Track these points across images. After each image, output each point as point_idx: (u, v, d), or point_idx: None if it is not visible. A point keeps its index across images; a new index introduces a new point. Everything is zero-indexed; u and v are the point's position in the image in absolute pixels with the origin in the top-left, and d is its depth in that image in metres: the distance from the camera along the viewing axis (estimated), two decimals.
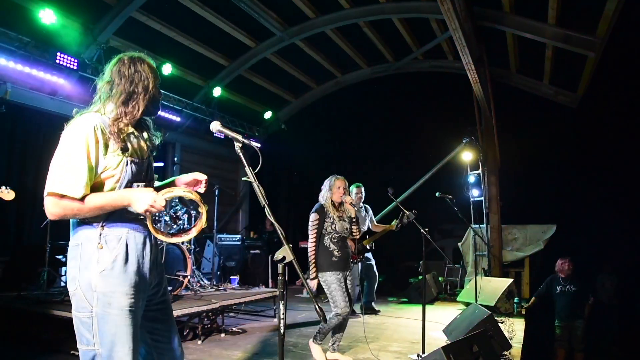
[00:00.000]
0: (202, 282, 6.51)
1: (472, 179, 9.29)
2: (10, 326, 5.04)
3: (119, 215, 1.87)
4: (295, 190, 12.87)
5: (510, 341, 4.34)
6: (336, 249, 4.13)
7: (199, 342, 4.92)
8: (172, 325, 2.09)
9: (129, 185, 1.91)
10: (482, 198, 9.04)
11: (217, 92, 9.84)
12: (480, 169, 9.10)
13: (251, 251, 9.48)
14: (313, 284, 4.04)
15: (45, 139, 7.53)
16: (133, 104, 1.94)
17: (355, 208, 4.36)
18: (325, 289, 4.10)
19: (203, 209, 2.05)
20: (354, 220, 4.34)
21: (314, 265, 4.07)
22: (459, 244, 9.43)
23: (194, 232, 2.11)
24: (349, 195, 4.41)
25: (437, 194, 5.78)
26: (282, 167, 12.43)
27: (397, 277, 10.21)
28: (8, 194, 2.66)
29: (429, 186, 8.95)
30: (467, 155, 9.03)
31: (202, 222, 2.07)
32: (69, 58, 7.03)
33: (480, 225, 8.88)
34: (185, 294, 5.85)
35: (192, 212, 6.52)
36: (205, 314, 5.21)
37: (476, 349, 3.32)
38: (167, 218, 6.02)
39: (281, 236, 1.98)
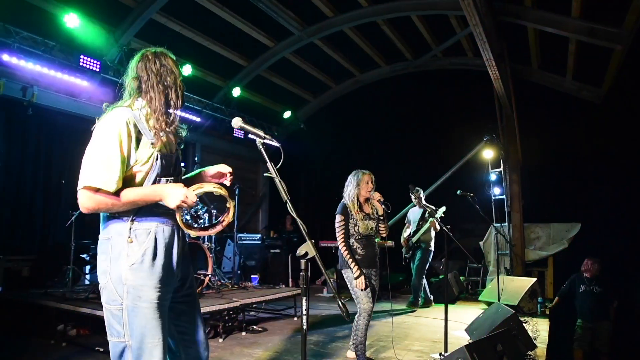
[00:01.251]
0: (223, 281, 6.56)
1: (493, 177, 9.17)
2: (37, 322, 5.16)
3: (149, 210, 1.89)
4: (314, 189, 12.87)
5: (534, 341, 4.26)
6: (360, 247, 4.07)
7: (220, 340, 4.95)
8: (198, 318, 2.10)
9: (158, 179, 1.93)
10: (504, 196, 8.91)
11: (236, 92, 9.89)
12: (502, 166, 8.97)
13: (271, 250, 9.52)
14: (359, 283, 3.90)
15: (69, 141, 7.69)
16: (164, 97, 1.97)
17: (383, 206, 4.13)
18: (348, 286, 4.07)
19: (230, 204, 2.06)
20: (381, 217, 4.18)
21: (353, 263, 3.94)
22: (481, 242, 9.31)
23: (221, 226, 2.12)
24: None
25: (458, 192, 5.72)
26: (302, 167, 12.45)
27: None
28: None
29: (450, 185, 8.85)
30: (488, 153, 8.91)
31: (229, 217, 2.09)
32: (92, 60, 7.16)
33: (502, 224, 8.75)
34: (206, 292, 5.90)
35: (212, 211, 6.58)
36: (227, 312, 5.25)
37: (500, 348, 3.26)
38: (188, 217, 6.09)
39: (304, 232, 1.97)
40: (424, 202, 6.93)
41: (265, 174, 2.11)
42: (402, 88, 10.98)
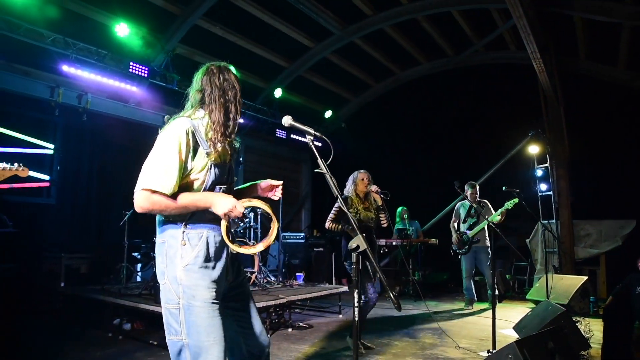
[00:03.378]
0: (269, 279, 6.70)
1: (539, 172, 8.91)
2: (95, 316, 5.47)
3: (200, 217, 1.99)
4: None
5: (588, 341, 4.14)
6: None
7: (268, 336, 5.06)
8: (254, 311, 2.19)
9: (212, 187, 2.03)
10: (551, 192, 8.64)
11: (278, 93, 10.06)
12: (548, 162, 8.70)
13: (314, 249, 9.59)
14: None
15: (120, 144, 8.08)
16: (226, 111, 2.07)
17: (381, 196, 4.48)
18: (351, 274, 4.19)
19: (275, 225, 2.11)
20: (381, 207, 4.56)
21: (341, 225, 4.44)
22: (527, 240, 9.06)
23: (261, 246, 2.18)
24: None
25: (503, 188, 5.61)
26: (343, 166, 12.47)
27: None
28: (23, 171, 2.87)
29: (494, 182, 8.67)
30: (533, 149, 8.67)
31: (271, 238, 2.13)
32: (140, 67, 7.48)
33: (550, 221, 8.49)
34: (253, 290, 6.05)
35: (258, 230, 6.84)
36: (273, 308, 5.36)
37: (551, 345, 3.19)
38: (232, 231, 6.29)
39: (354, 226, 2.03)
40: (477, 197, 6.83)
41: (316, 170, 2.17)
42: (443, 85, 10.84)
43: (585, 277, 6.85)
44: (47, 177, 7.22)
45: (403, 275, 8.51)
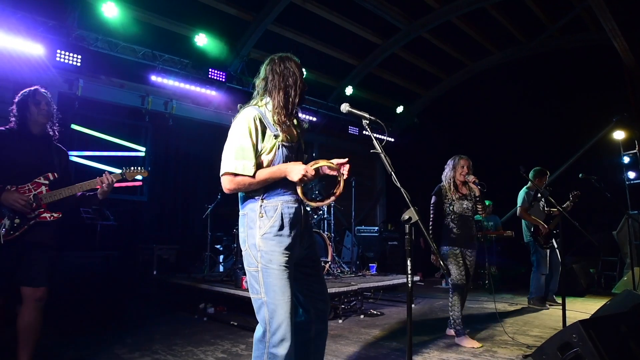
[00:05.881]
0: (342, 268, 6.93)
1: (626, 159, 8.33)
2: (183, 300, 6.04)
3: (274, 191, 2.27)
4: (432, 184, 12.68)
5: None
6: (455, 226, 4.30)
7: (340, 321, 5.27)
8: (322, 278, 2.47)
9: (282, 163, 2.30)
10: None
11: (349, 91, 10.29)
12: (637, 147, 8.10)
13: (389, 242, 9.61)
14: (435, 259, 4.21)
15: (202, 145, 8.74)
16: (285, 95, 2.32)
17: (479, 187, 4.35)
18: (441, 263, 4.18)
19: (341, 179, 2.35)
20: (477, 198, 4.41)
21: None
22: (614, 232, 8.47)
23: (332, 198, 2.41)
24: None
25: (580, 175, 5.38)
26: (418, 161, 12.42)
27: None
28: (144, 172, 3.26)
29: (575, 171, 8.24)
30: (618, 134, 8.13)
31: (340, 188, 2.36)
32: (218, 72, 8.10)
33: None
34: (326, 278, 6.29)
35: (332, 222, 7.32)
36: (345, 295, 5.58)
37: (625, 329, 3.06)
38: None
39: (407, 199, 2.18)
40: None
41: (372, 151, 2.34)
42: (517, 73, 10.44)
43: None
44: (140, 177, 8.04)
45: (479, 268, 8.36)
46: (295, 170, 2.17)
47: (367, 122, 2.39)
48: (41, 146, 2.96)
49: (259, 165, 2.25)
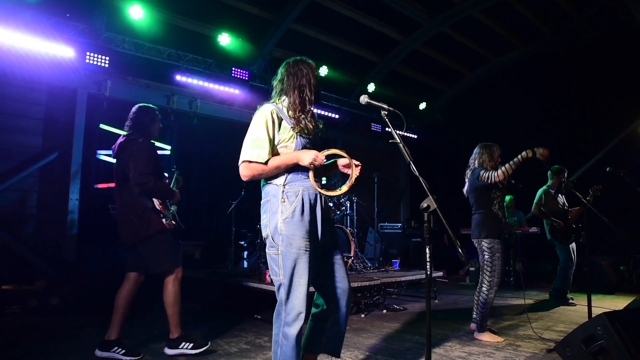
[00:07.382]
0: (365, 264, 6.95)
1: None
2: (207, 295, 6.16)
3: (296, 178, 2.41)
4: (456, 180, 12.54)
5: None
6: (501, 215, 4.15)
7: (362, 315, 5.30)
8: (342, 264, 2.56)
9: None
10: None
11: (371, 88, 10.30)
12: None
13: (412, 239, 9.58)
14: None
15: (226, 142, 8.89)
16: (300, 93, 2.50)
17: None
18: (486, 256, 4.09)
19: (353, 168, 2.49)
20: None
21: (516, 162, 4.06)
22: None
23: (345, 188, 2.54)
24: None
25: (607, 169, 5.26)
26: (441, 158, 12.33)
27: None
28: (181, 179, 3.86)
29: (601, 167, 8.04)
30: None
31: (351, 180, 2.50)
32: (242, 71, 8.23)
33: None
34: (349, 273, 6.32)
35: (354, 218, 7.28)
36: (367, 290, 5.60)
37: None
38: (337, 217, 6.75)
39: (425, 188, 2.21)
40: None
41: (390, 141, 2.39)
42: (542, 67, 10.26)
43: None
44: (166, 175, 8.23)
45: (504, 265, 8.23)
46: (306, 156, 2.33)
47: (386, 112, 2.46)
48: None
49: (277, 155, 2.41)
